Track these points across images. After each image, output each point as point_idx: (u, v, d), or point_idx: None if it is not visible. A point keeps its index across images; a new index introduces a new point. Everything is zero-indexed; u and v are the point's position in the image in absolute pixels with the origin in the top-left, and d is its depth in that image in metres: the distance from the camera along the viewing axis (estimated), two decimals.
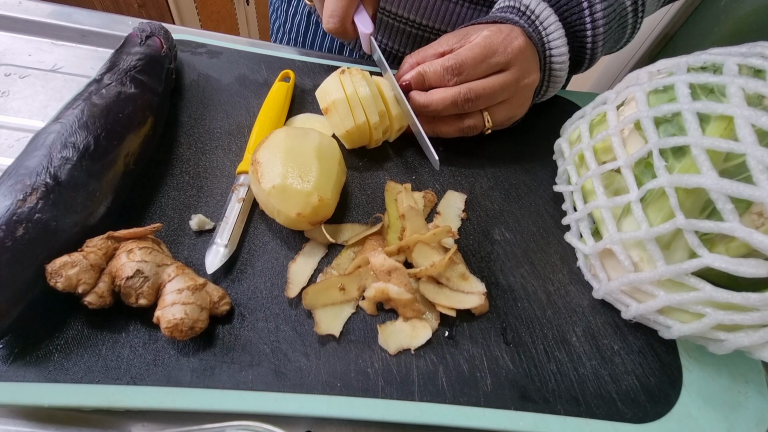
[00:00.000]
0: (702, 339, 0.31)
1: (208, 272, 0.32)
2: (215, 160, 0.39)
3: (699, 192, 0.28)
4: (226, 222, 0.34)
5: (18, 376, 0.27)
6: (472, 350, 0.32)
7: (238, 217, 0.35)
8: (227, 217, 0.34)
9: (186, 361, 0.29)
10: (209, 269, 0.32)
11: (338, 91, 0.38)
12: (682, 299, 0.29)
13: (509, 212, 0.41)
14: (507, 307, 0.35)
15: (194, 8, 1.42)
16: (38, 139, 0.31)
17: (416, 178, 0.42)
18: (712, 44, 0.41)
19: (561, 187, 0.41)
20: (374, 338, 0.31)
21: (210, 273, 0.32)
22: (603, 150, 0.36)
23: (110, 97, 0.34)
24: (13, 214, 0.27)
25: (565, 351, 0.33)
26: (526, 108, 0.42)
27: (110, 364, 0.28)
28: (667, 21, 0.73)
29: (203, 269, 0.32)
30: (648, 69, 0.37)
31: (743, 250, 0.28)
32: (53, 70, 0.46)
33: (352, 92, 0.38)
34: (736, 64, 0.29)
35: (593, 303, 0.36)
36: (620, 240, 0.31)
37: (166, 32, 0.43)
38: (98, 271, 0.28)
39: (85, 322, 0.29)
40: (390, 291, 0.31)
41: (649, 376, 0.32)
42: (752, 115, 0.26)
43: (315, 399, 0.28)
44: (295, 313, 0.32)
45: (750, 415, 0.32)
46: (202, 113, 0.43)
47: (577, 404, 0.30)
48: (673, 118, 0.31)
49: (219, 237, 0.33)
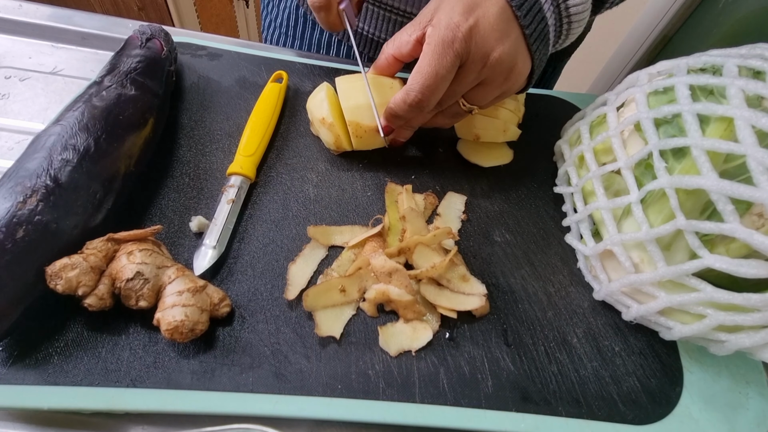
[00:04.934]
0: (703, 340, 0.31)
1: (195, 273, 0.32)
2: (215, 162, 0.39)
3: (699, 193, 0.28)
4: (215, 223, 0.34)
5: (17, 378, 0.27)
6: (473, 352, 0.32)
7: (227, 218, 0.34)
8: (216, 218, 0.34)
9: (186, 363, 0.29)
10: (197, 270, 0.32)
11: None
12: (682, 300, 0.29)
13: (509, 214, 0.41)
14: (508, 309, 0.34)
15: (194, 11, 1.43)
16: (38, 141, 0.31)
17: (416, 179, 0.42)
18: (711, 46, 0.41)
19: (561, 188, 0.41)
20: (375, 340, 0.31)
21: (197, 274, 0.32)
22: (603, 151, 0.36)
23: (110, 100, 0.34)
24: (13, 216, 0.26)
25: (566, 352, 0.33)
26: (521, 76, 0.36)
27: (110, 366, 0.28)
28: (666, 22, 0.73)
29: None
30: (648, 70, 0.37)
31: (744, 251, 0.28)
32: (53, 73, 0.46)
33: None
34: (736, 66, 0.29)
35: (594, 304, 0.36)
36: (621, 241, 0.31)
37: (166, 35, 0.43)
38: (98, 274, 0.28)
39: (85, 324, 0.29)
40: (391, 292, 0.31)
41: (650, 378, 0.32)
42: (752, 117, 0.26)
43: (316, 401, 0.28)
44: (295, 315, 0.32)
45: (751, 416, 0.32)
46: (203, 115, 0.43)
47: (579, 406, 0.30)
48: (673, 119, 0.31)
49: (207, 238, 0.33)
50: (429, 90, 0.33)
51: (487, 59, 0.33)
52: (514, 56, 0.34)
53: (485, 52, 0.33)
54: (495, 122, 0.42)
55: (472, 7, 0.32)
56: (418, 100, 0.34)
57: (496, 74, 0.34)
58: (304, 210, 0.38)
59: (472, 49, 0.32)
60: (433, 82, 0.33)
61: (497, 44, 0.33)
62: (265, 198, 0.38)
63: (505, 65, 0.34)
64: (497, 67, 0.34)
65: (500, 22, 0.33)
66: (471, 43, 0.32)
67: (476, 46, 0.32)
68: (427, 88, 0.33)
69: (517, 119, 0.43)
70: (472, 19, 0.32)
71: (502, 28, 0.33)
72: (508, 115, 0.42)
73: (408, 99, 0.34)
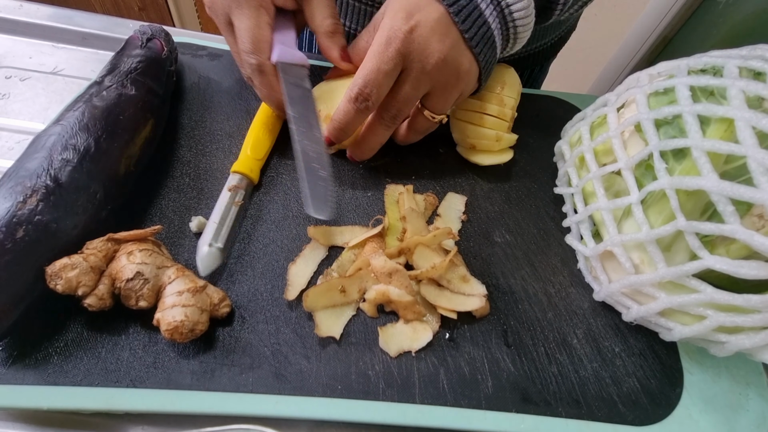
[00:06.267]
0: (703, 341, 0.31)
1: (201, 275, 0.31)
2: (216, 163, 0.39)
3: (700, 194, 0.28)
4: (222, 224, 0.34)
5: (17, 378, 0.27)
6: (473, 352, 0.32)
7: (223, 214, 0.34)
8: (222, 219, 0.34)
9: (186, 363, 0.29)
10: (204, 272, 0.32)
11: None
12: (683, 301, 0.29)
13: (510, 214, 0.41)
14: (508, 309, 0.34)
15: (194, 11, 1.43)
16: (39, 141, 0.31)
17: (416, 179, 0.42)
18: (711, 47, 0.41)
19: (561, 189, 0.41)
20: (375, 340, 0.31)
21: (204, 275, 0.31)
22: (603, 152, 0.36)
23: (111, 100, 0.34)
24: (14, 216, 0.26)
25: (566, 353, 0.33)
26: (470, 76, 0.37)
27: (110, 366, 0.28)
28: (666, 24, 0.73)
29: None
30: (648, 71, 0.37)
31: (744, 252, 0.28)
32: (54, 73, 0.46)
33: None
34: (737, 67, 0.29)
35: (594, 305, 0.36)
36: (621, 242, 0.31)
37: (166, 35, 0.43)
38: (98, 274, 0.28)
39: (85, 324, 0.29)
40: (391, 293, 0.31)
41: (650, 379, 0.32)
42: (753, 118, 0.26)
43: (315, 402, 0.28)
44: (295, 316, 0.32)
45: (751, 418, 0.31)
46: (203, 115, 0.43)
47: (579, 406, 0.30)
48: (673, 120, 0.31)
49: (214, 240, 0.33)
50: (371, 83, 0.34)
51: (429, 60, 0.34)
52: (456, 57, 0.35)
53: (426, 53, 0.34)
54: (487, 132, 0.41)
55: (412, 13, 0.34)
56: (360, 93, 0.34)
57: (445, 75, 0.36)
58: (304, 210, 0.38)
59: (413, 48, 0.34)
60: (375, 76, 0.34)
61: (438, 45, 0.34)
62: (265, 198, 0.38)
63: (450, 66, 0.35)
64: (443, 68, 0.35)
65: (439, 26, 0.34)
66: (412, 44, 0.34)
67: (417, 46, 0.34)
68: (369, 81, 0.34)
69: (506, 124, 0.42)
70: (413, 21, 0.34)
71: (441, 31, 0.34)
72: (494, 122, 0.41)
73: (351, 93, 0.35)
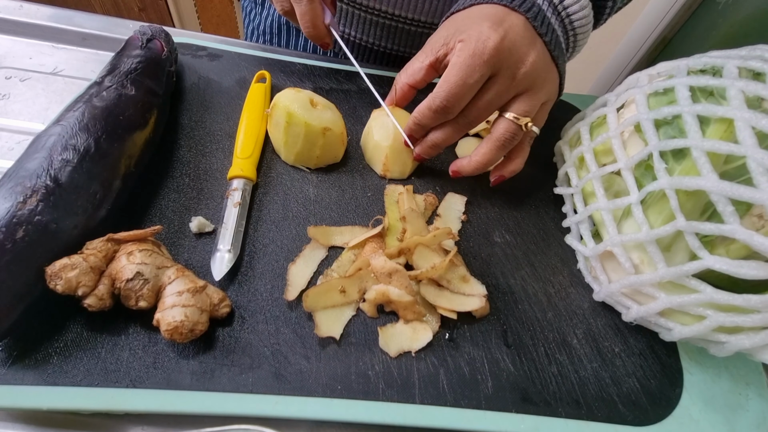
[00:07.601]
0: (703, 341, 0.31)
1: (215, 279, 0.32)
2: (215, 163, 0.39)
3: (699, 194, 0.28)
4: (226, 228, 0.34)
5: (17, 379, 0.27)
6: (473, 353, 0.32)
7: (236, 220, 0.35)
8: (226, 222, 0.34)
9: (186, 363, 0.29)
10: (216, 276, 0.32)
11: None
12: (682, 301, 0.29)
13: (509, 214, 0.41)
14: (508, 310, 0.34)
15: (194, 11, 1.43)
16: (39, 141, 0.31)
17: (416, 180, 0.42)
18: (710, 48, 0.41)
19: (561, 189, 0.41)
20: (375, 341, 0.31)
21: (218, 280, 0.32)
22: (603, 152, 0.36)
23: (111, 100, 0.34)
24: (13, 217, 0.26)
25: (566, 353, 0.33)
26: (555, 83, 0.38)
27: (110, 366, 0.28)
28: (666, 24, 0.73)
29: (203, 272, 0.32)
30: (648, 72, 0.37)
31: (744, 252, 0.28)
32: (54, 73, 0.46)
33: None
34: (736, 67, 0.29)
35: (594, 305, 0.36)
36: (621, 242, 0.31)
37: (166, 35, 0.43)
38: (98, 274, 0.28)
39: (85, 324, 0.29)
40: (391, 293, 0.31)
41: (650, 379, 0.32)
42: (752, 118, 0.26)
43: (315, 402, 0.28)
44: (295, 316, 0.32)
45: (751, 418, 0.32)
46: (203, 116, 0.43)
47: (578, 407, 0.30)
48: (673, 120, 0.31)
49: (222, 243, 0.33)
50: (454, 98, 0.34)
51: (520, 68, 0.35)
52: (544, 63, 0.36)
53: (517, 60, 0.34)
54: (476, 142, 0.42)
55: (499, 22, 0.34)
56: (443, 107, 0.35)
57: (534, 81, 0.36)
58: (304, 210, 0.38)
59: (503, 56, 0.34)
60: (460, 90, 0.34)
61: (528, 51, 0.35)
62: (265, 198, 0.38)
63: (539, 71, 0.36)
64: (532, 73, 0.35)
65: (526, 32, 0.35)
66: (502, 53, 0.34)
67: (508, 54, 0.34)
68: (453, 96, 0.34)
69: None
70: (501, 30, 0.34)
71: (529, 38, 0.35)
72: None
73: (432, 105, 0.35)
